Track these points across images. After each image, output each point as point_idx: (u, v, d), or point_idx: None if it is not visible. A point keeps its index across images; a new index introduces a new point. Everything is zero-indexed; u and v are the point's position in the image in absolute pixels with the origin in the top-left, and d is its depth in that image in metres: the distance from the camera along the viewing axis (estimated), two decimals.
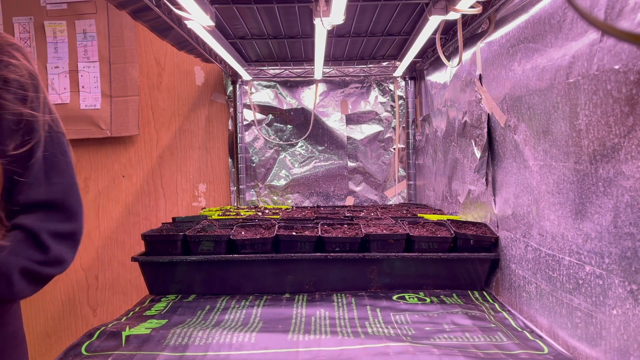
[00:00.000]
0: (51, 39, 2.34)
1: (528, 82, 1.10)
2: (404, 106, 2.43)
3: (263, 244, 1.33)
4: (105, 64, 2.33)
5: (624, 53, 0.75)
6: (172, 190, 2.44)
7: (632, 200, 0.75)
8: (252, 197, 2.45)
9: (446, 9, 1.27)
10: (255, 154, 2.43)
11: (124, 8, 1.33)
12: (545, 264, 1.03)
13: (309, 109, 2.41)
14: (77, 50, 2.34)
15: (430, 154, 2.11)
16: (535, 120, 1.07)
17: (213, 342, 0.96)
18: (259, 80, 2.40)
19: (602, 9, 0.81)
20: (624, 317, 0.77)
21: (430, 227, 1.43)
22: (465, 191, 1.58)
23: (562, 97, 0.95)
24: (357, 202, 2.45)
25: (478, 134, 1.42)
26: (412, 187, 2.42)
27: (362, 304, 1.21)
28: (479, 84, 1.41)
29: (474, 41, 1.47)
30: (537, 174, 1.07)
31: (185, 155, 2.43)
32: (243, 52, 2.07)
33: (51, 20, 2.34)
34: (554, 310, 1.00)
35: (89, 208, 2.42)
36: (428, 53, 2.04)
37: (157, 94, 2.42)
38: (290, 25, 1.67)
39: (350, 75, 2.40)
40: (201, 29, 1.42)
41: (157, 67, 2.41)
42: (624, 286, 0.77)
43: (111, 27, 2.33)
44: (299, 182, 2.44)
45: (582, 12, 0.60)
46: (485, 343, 0.96)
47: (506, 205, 1.26)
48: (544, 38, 1.03)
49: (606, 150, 0.81)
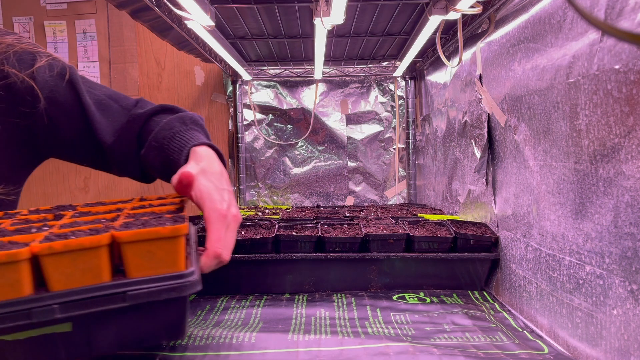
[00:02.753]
0: (51, 38, 2.34)
1: (528, 82, 1.10)
2: (404, 106, 2.43)
3: (263, 244, 1.33)
4: (105, 64, 2.33)
5: (624, 53, 0.75)
6: (172, 190, 2.43)
7: (632, 200, 0.75)
8: (252, 197, 2.45)
9: (446, 8, 1.27)
10: (255, 154, 2.43)
11: (124, 8, 1.33)
12: (545, 264, 1.03)
13: (309, 109, 2.41)
14: (77, 50, 2.34)
15: (430, 154, 2.11)
16: (536, 120, 1.07)
17: (213, 343, 0.96)
18: (259, 80, 2.40)
19: (602, 8, 0.81)
20: (624, 317, 0.77)
21: (431, 227, 1.43)
22: (466, 191, 1.58)
23: (562, 97, 0.95)
24: (357, 202, 2.45)
25: (478, 133, 1.42)
26: (412, 187, 2.42)
27: (362, 304, 1.21)
28: (479, 84, 1.41)
29: (474, 41, 1.47)
30: (537, 174, 1.07)
31: None
32: (243, 52, 2.07)
33: (51, 20, 2.34)
34: (554, 310, 1.00)
35: None
36: (428, 53, 2.04)
37: (157, 94, 2.42)
38: (290, 25, 1.67)
39: (350, 75, 2.40)
40: (201, 28, 1.42)
41: (157, 67, 2.41)
42: (624, 286, 0.77)
43: (111, 27, 2.33)
44: (299, 182, 2.44)
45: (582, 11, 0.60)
46: (485, 343, 0.96)
47: (506, 205, 1.26)
48: (544, 38, 1.03)
49: (606, 150, 0.81)
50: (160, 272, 0.67)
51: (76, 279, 0.65)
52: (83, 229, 0.71)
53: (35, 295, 0.64)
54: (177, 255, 0.69)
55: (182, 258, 0.69)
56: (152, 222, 0.73)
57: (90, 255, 0.65)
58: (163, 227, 0.68)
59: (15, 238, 0.69)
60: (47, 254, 0.63)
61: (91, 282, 0.65)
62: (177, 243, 0.68)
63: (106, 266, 0.67)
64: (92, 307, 0.65)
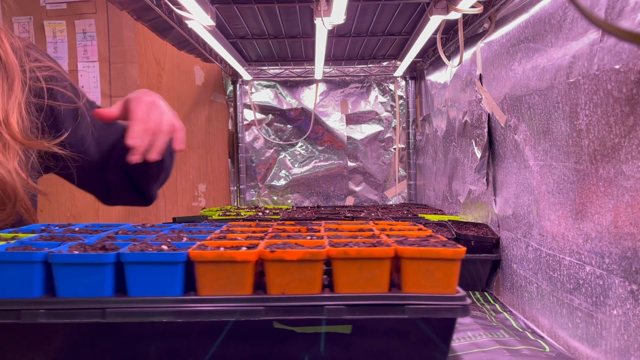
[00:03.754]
0: (51, 38, 2.34)
1: (528, 81, 1.10)
2: (404, 106, 2.43)
3: None
4: (105, 64, 2.33)
5: (624, 53, 0.75)
6: (172, 190, 2.43)
7: (632, 200, 0.75)
8: (252, 197, 2.45)
9: (447, 8, 1.27)
10: (255, 154, 2.43)
11: (125, 8, 1.33)
12: (546, 264, 1.03)
13: (309, 109, 2.41)
14: (76, 50, 2.34)
15: (430, 154, 2.11)
16: (536, 120, 1.07)
17: None
18: (259, 80, 2.40)
19: (602, 8, 0.81)
20: (624, 317, 0.77)
21: (431, 228, 1.43)
22: (466, 191, 1.58)
23: (563, 97, 0.95)
24: (357, 202, 2.45)
25: (478, 133, 1.42)
26: (412, 187, 2.42)
27: None
28: (479, 84, 1.41)
29: (474, 41, 1.47)
30: (537, 174, 1.07)
31: (185, 155, 2.43)
32: (243, 52, 2.06)
33: (51, 20, 2.34)
34: (554, 311, 1.00)
35: (88, 208, 2.42)
36: (428, 53, 2.04)
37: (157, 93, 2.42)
38: (291, 24, 1.67)
39: (351, 75, 2.40)
40: (202, 28, 1.42)
41: (157, 66, 2.41)
42: (624, 286, 0.77)
43: (111, 27, 2.33)
44: (299, 182, 2.44)
45: (583, 10, 0.60)
46: (488, 340, 0.96)
47: (507, 205, 1.26)
48: (544, 38, 1.03)
49: (606, 150, 0.81)
50: (435, 291, 0.71)
51: (360, 285, 0.71)
52: (364, 241, 0.77)
53: (325, 294, 0.71)
54: (453, 278, 0.72)
55: (455, 281, 0.72)
56: (430, 242, 0.77)
57: (376, 265, 0.71)
58: (445, 248, 0.72)
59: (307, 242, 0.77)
60: (341, 258, 0.70)
61: (372, 290, 0.71)
62: (455, 266, 0.72)
63: (386, 277, 0.72)
64: (373, 314, 0.70)
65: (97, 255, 0.69)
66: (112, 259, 0.69)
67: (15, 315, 0.67)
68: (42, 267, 0.69)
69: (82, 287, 0.69)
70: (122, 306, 0.68)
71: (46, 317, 0.67)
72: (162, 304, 0.68)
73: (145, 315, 0.68)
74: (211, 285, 0.70)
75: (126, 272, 0.69)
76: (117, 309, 0.68)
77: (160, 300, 0.68)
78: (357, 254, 0.70)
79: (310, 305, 0.69)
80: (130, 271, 0.69)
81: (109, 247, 0.72)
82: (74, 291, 0.69)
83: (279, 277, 0.70)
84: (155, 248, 0.73)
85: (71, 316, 0.68)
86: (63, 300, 0.68)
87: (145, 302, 0.68)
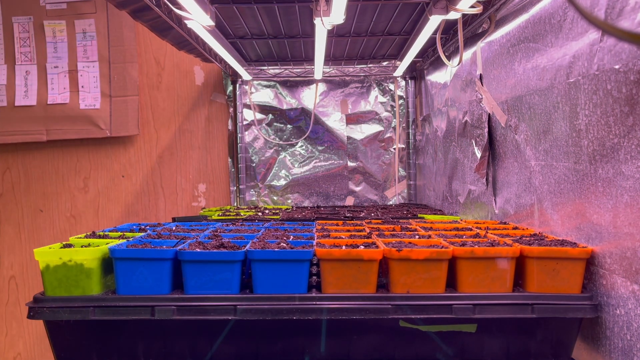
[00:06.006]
0: (50, 38, 2.34)
1: (528, 81, 1.10)
2: (404, 106, 2.43)
3: None
4: (105, 64, 2.33)
5: (624, 53, 0.75)
6: (171, 190, 2.43)
7: (631, 200, 0.74)
8: (252, 197, 2.44)
9: (447, 8, 1.27)
10: (255, 154, 2.43)
11: (124, 8, 1.33)
12: None
13: (309, 109, 2.41)
14: (76, 50, 2.33)
15: (430, 154, 2.11)
16: (536, 120, 1.07)
17: None
18: (259, 80, 2.40)
19: (602, 8, 0.81)
20: (626, 317, 0.77)
21: None
22: (466, 191, 1.58)
23: (563, 97, 0.95)
24: (357, 202, 2.45)
25: (479, 133, 1.42)
26: (412, 187, 2.42)
27: None
28: (479, 84, 1.41)
29: (474, 41, 1.47)
30: (539, 174, 1.07)
31: (185, 155, 2.43)
32: (243, 52, 2.06)
33: (51, 20, 2.34)
34: None
35: (88, 208, 2.42)
36: (428, 53, 2.04)
37: (157, 93, 2.42)
38: (291, 25, 1.67)
39: (350, 75, 2.40)
40: (201, 28, 1.42)
41: (157, 66, 2.41)
42: (626, 286, 0.76)
43: (111, 27, 2.33)
44: (299, 182, 2.44)
45: (582, 11, 0.60)
46: None
47: (507, 205, 1.26)
48: (544, 38, 1.03)
49: (606, 150, 0.81)
50: (560, 290, 0.71)
51: (484, 285, 0.71)
52: (481, 240, 0.77)
53: (450, 293, 0.71)
54: (578, 277, 0.72)
55: (581, 280, 0.72)
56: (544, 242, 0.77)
57: (501, 265, 0.72)
58: (572, 248, 0.72)
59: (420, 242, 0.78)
60: (467, 258, 0.71)
61: (497, 289, 0.71)
62: (580, 265, 0.72)
63: (511, 277, 0.72)
64: (500, 313, 0.70)
65: (230, 253, 0.71)
66: (240, 257, 0.71)
67: (149, 312, 0.68)
68: (171, 265, 0.71)
69: (211, 284, 0.70)
70: (252, 303, 0.69)
71: (179, 313, 0.68)
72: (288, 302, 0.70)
73: (275, 313, 0.69)
74: (337, 283, 0.70)
75: (253, 269, 0.70)
76: (248, 305, 0.69)
77: (286, 297, 0.70)
78: (483, 253, 0.70)
79: (436, 305, 0.69)
80: (258, 269, 0.70)
81: (227, 245, 0.74)
82: (203, 288, 0.70)
83: (404, 276, 0.70)
84: (274, 246, 0.74)
85: (203, 313, 0.69)
86: (193, 297, 0.69)
87: (273, 300, 0.70)
